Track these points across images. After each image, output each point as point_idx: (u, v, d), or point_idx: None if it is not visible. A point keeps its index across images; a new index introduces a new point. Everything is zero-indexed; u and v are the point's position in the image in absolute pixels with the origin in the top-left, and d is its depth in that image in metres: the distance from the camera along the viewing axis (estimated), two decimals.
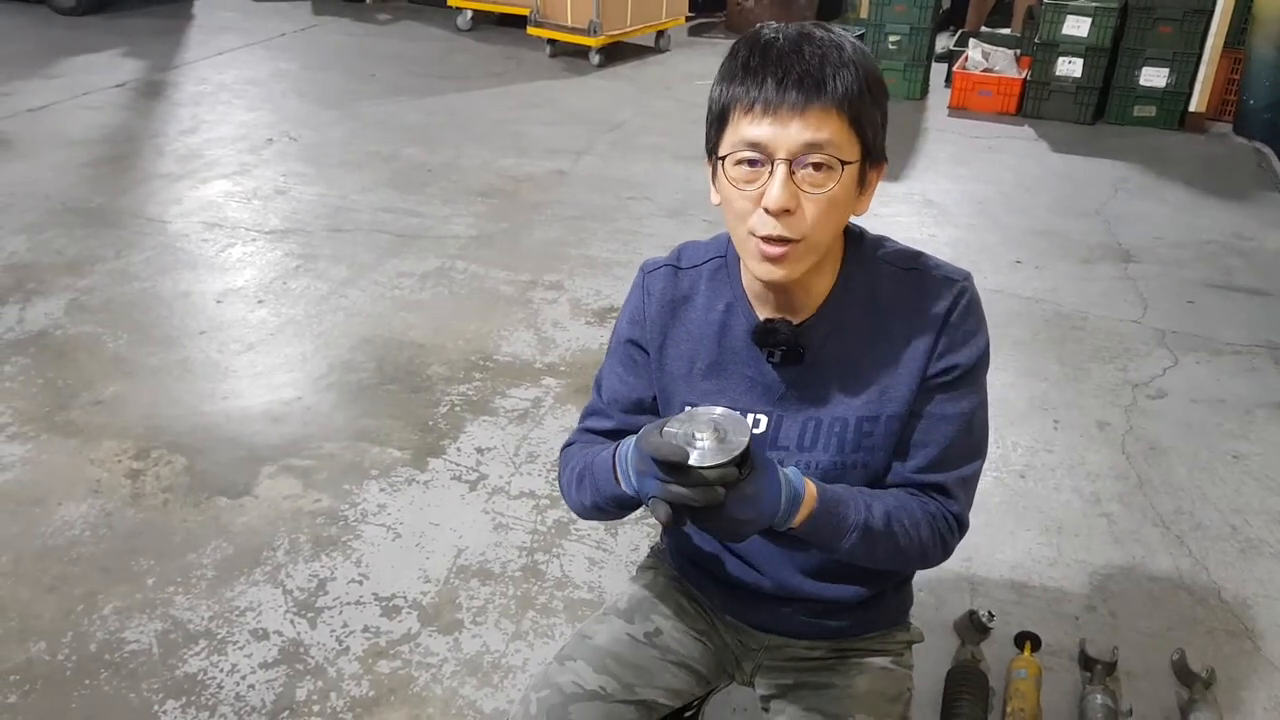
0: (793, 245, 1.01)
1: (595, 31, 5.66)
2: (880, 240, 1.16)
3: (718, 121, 1.04)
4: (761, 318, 1.12)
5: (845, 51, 0.99)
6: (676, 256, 1.21)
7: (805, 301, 1.11)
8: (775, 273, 1.03)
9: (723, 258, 1.18)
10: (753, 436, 0.94)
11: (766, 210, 0.99)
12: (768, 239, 1.01)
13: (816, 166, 0.99)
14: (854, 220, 1.10)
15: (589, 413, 1.28)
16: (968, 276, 1.13)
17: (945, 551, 1.16)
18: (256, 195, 3.92)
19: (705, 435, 0.92)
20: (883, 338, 1.11)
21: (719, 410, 0.96)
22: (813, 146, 0.98)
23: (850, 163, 1.00)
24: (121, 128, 4.65)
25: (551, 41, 5.93)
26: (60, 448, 2.44)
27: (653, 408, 1.23)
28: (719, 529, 0.96)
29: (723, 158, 1.02)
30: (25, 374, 2.73)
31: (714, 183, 1.08)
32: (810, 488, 1.02)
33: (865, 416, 1.12)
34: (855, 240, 1.13)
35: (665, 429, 0.94)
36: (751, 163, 1.00)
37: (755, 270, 1.05)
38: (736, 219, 1.03)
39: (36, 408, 2.59)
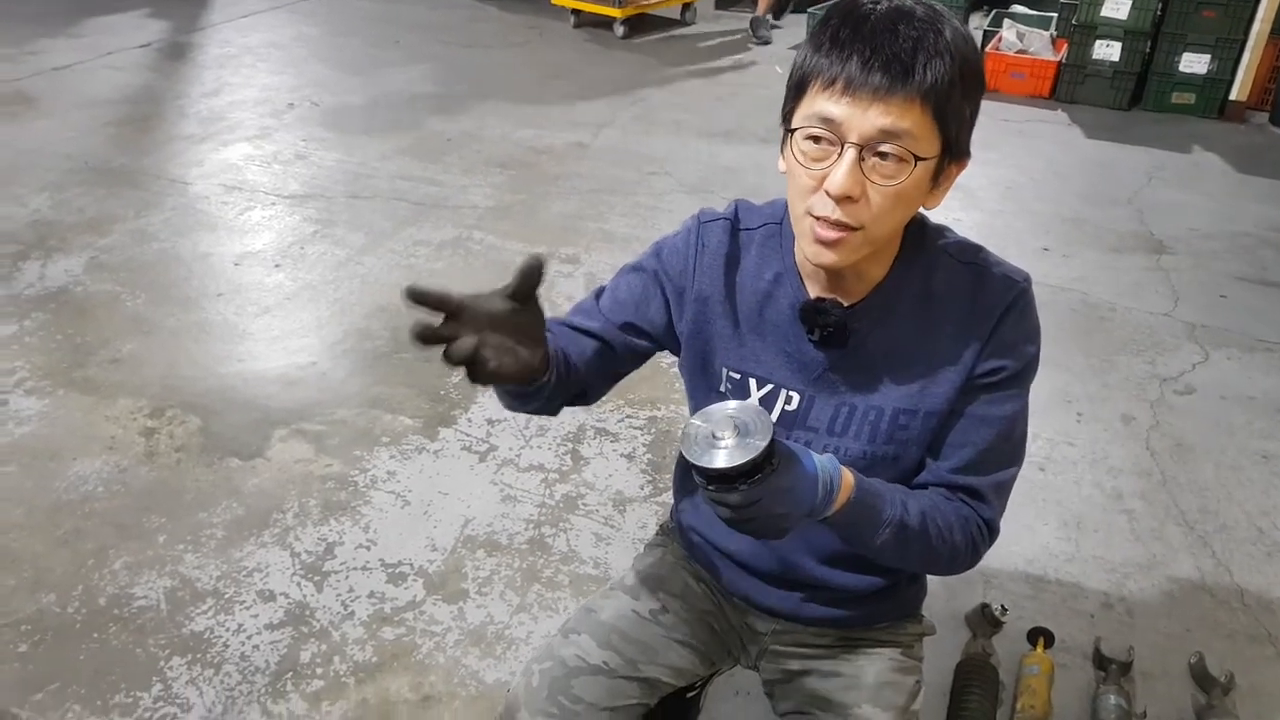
0: (849, 233, 0.97)
1: (620, 2, 5.58)
2: (941, 230, 1.12)
3: (795, 90, 0.99)
4: (810, 295, 1.09)
5: (943, 37, 0.93)
6: (734, 213, 1.17)
7: (857, 285, 1.07)
8: (824, 256, 0.99)
9: (778, 225, 1.14)
10: (774, 435, 0.90)
11: (828, 193, 0.95)
12: (824, 221, 0.96)
13: (887, 156, 0.94)
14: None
15: (573, 310, 1.21)
16: (1027, 278, 1.09)
17: (975, 557, 1.12)
18: (277, 159, 3.91)
19: (725, 433, 0.89)
20: (932, 331, 1.07)
21: (734, 405, 0.92)
22: (887, 134, 0.93)
23: (925, 159, 0.95)
24: (145, 88, 4.64)
25: (575, 12, 5.86)
26: (77, 404, 2.45)
27: (644, 338, 1.18)
28: (758, 526, 0.92)
29: (793, 130, 0.98)
30: (45, 330, 2.74)
31: (782, 151, 1.03)
32: (847, 475, 0.99)
33: (903, 409, 1.09)
34: (916, 227, 1.08)
35: (685, 430, 0.91)
36: (821, 140, 0.95)
37: (805, 251, 1.01)
38: (797, 195, 0.99)
39: (55, 363, 2.60)
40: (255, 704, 1.71)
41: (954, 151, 0.99)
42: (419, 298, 0.87)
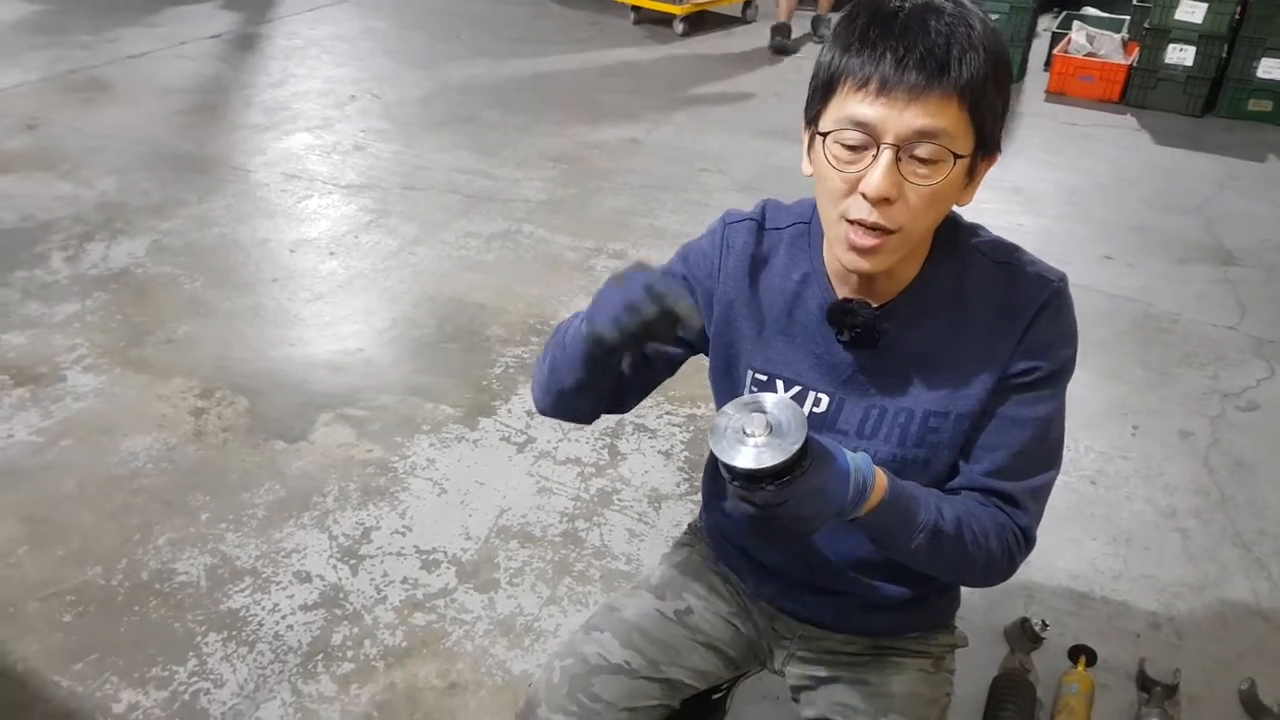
0: (887, 237, 0.94)
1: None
2: (975, 229, 1.09)
3: (823, 90, 0.96)
4: (839, 296, 1.07)
5: (975, 31, 0.91)
6: (760, 213, 1.15)
7: (888, 286, 1.05)
8: (861, 263, 0.97)
9: (806, 224, 1.11)
10: (808, 435, 0.87)
11: (864, 196, 0.93)
12: (860, 226, 0.94)
13: (925, 157, 0.92)
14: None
15: None
16: (1063, 278, 1.06)
17: (1010, 567, 1.08)
18: (336, 150, 3.97)
19: (756, 430, 0.86)
20: (964, 332, 1.04)
21: (771, 400, 0.88)
22: (925, 135, 0.90)
23: (962, 156, 0.93)
24: (214, 78, 4.76)
25: (636, 8, 5.85)
26: (132, 382, 2.52)
27: (675, 344, 1.17)
28: (781, 527, 0.90)
29: (824, 134, 0.95)
30: (105, 309, 2.82)
31: (808, 154, 1.01)
32: (881, 477, 0.96)
33: (934, 411, 1.06)
34: (949, 226, 1.05)
35: (715, 422, 0.88)
36: (855, 144, 0.93)
37: (841, 257, 0.99)
38: (829, 199, 0.97)
39: (113, 342, 2.67)
40: (286, 683, 1.73)
41: (987, 147, 0.96)
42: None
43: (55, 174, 3.63)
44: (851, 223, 0.95)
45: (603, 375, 1.08)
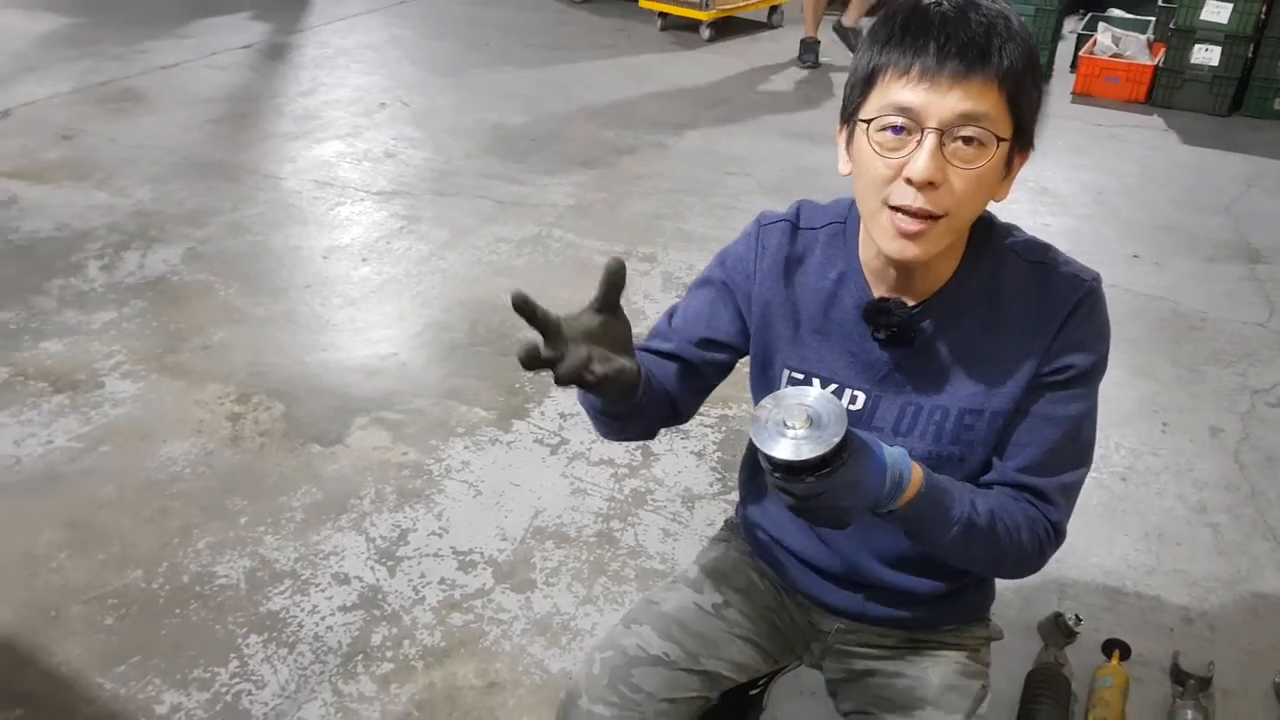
0: (933, 222, 0.96)
1: (707, 5, 5.59)
2: (1009, 229, 1.10)
3: (863, 84, 0.98)
4: (875, 295, 1.08)
5: (1012, 24, 0.95)
6: (795, 214, 1.17)
7: (924, 284, 1.06)
8: (908, 250, 0.98)
9: (842, 224, 1.13)
10: (848, 427, 0.88)
11: (909, 181, 0.94)
12: (905, 212, 0.96)
13: (968, 140, 0.94)
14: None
15: (650, 335, 1.23)
16: (1097, 278, 1.07)
17: (1040, 561, 1.10)
18: (367, 157, 4.02)
19: (797, 423, 0.87)
20: (998, 331, 1.06)
21: (813, 394, 0.90)
22: (968, 118, 0.93)
23: (1005, 140, 0.95)
24: (245, 87, 4.82)
25: (663, 15, 5.88)
26: (169, 388, 2.56)
27: (721, 350, 1.20)
28: (818, 517, 0.92)
29: (867, 121, 0.97)
30: (142, 316, 2.87)
31: (847, 149, 1.03)
32: (917, 471, 0.98)
33: (969, 409, 1.07)
34: (984, 226, 1.07)
35: (756, 413, 0.90)
36: (898, 129, 0.95)
37: (886, 247, 1.00)
38: (871, 188, 0.98)
39: (150, 349, 2.72)
40: (326, 684, 1.76)
41: (1024, 138, 0.99)
42: (523, 306, 0.89)
43: (90, 183, 3.69)
44: (895, 209, 0.97)
45: (632, 406, 1.07)
